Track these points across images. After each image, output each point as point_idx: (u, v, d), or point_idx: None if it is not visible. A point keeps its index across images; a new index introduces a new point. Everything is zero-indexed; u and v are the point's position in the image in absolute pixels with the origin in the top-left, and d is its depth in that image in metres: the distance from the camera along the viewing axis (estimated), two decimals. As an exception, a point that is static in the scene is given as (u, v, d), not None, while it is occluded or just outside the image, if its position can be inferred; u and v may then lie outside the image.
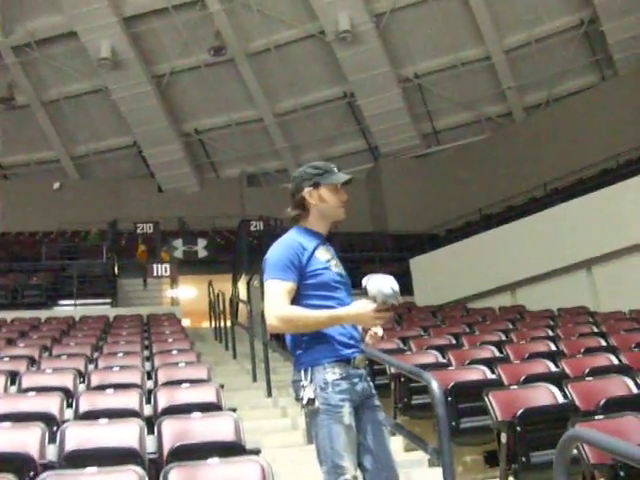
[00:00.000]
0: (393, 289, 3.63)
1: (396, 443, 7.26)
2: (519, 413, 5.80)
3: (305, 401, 3.72)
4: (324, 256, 3.90)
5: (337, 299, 3.83)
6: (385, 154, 29.12)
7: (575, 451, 4.83)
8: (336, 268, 3.94)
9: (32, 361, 9.62)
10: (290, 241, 3.88)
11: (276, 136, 29.44)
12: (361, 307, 3.67)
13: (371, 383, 3.96)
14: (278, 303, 3.72)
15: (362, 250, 23.03)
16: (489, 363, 7.89)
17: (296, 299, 3.79)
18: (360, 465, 3.77)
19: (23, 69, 27.63)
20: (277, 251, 3.88)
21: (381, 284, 3.65)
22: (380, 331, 3.99)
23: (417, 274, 17.99)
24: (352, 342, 3.84)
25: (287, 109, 28.94)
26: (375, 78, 26.70)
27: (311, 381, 3.73)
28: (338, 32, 25.30)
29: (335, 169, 3.98)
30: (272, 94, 28.43)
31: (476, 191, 25.30)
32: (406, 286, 17.54)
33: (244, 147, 29.96)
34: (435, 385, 5.11)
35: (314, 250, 3.86)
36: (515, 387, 6.73)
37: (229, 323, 14.86)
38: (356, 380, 3.79)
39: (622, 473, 4.66)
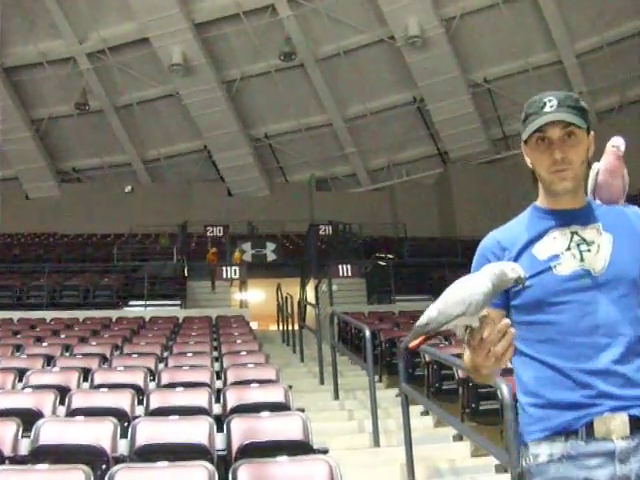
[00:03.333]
0: (459, 300, 2.13)
1: (463, 448, 7.24)
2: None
3: None
4: (549, 250, 2.39)
5: (558, 325, 2.32)
6: (455, 159, 28.98)
7: None
8: (574, 262, 2.35)
9: (104, 359, 9.80)
10: (485, 240, 2.55)
11: (345, 141, 29.51)
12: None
13: None
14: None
15: (431, 255, 22.91)
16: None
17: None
18: None
19: (97, 75, 28.19)
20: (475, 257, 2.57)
21: (441, 302, 2.18)
22: None
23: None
24: (584, 397, 2.27)
25: (356, 114, 28.99)
26: (445, 83, 26.60)
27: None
28: (407, 37, 25.28)
29: (548, 104, 2.42)
30: (341, 99, 28.51)
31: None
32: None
33: (313, 152, 30.08)
34: (505, 389, 4.98)
35: (528, 245, 2.43)
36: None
37: (297, 326, 14.91)
38: (594, 462, 2.24)
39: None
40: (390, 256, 21.71)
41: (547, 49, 26.37)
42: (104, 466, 5.15)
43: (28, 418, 6.05)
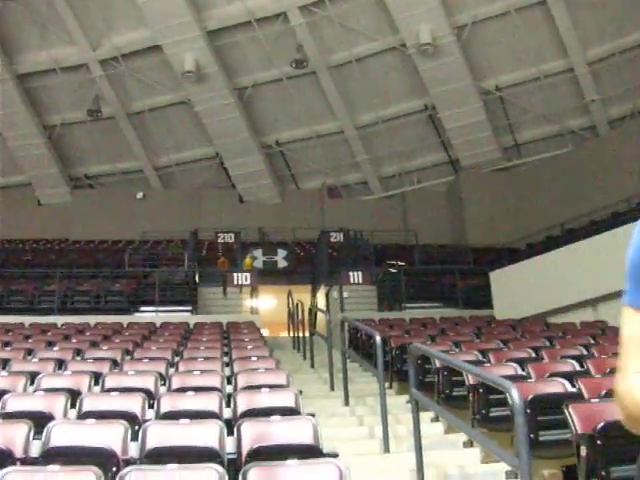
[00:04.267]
0: None
1: (474, 455, 7.22)
2: (599, 426, 5.50)
3: None
4: None
5: None
6: (466, 167, 28.92)
7: None
8: None
9: (115, 363, 9.84)
10: None
11: (357, 148, 29.49)
12: None
13: None
14: (622, 360, 1.71)
15: (442, 262, 22.93)
16: (569, 377, 7.66)
17: None
18: None
19: (109, 82, 28.29)
20: (634, 238, 1.73)
21: None
22: None
23: (497, 287, 17.77)
24: None
25: (368, 121, 28.98)
26: (456, 91, 26.58)
27: None
28: (419, 45, 25.24)
29: None
30: (353, 106, 28.52)
31: (558, 205, 24.97)
32: (486, 299, 17.43)
33: (325, 159, 30.09)
34: (515, 393, 4.83)
35: None
36: (596, 400, 6.46)
37: (307, 333, 14.91)
38: None
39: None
40: (401, 263, 21.71)
41: (559, 57, 26.32)
42: (114, 468, 5.17)
43: (39, 420, 6.08)
